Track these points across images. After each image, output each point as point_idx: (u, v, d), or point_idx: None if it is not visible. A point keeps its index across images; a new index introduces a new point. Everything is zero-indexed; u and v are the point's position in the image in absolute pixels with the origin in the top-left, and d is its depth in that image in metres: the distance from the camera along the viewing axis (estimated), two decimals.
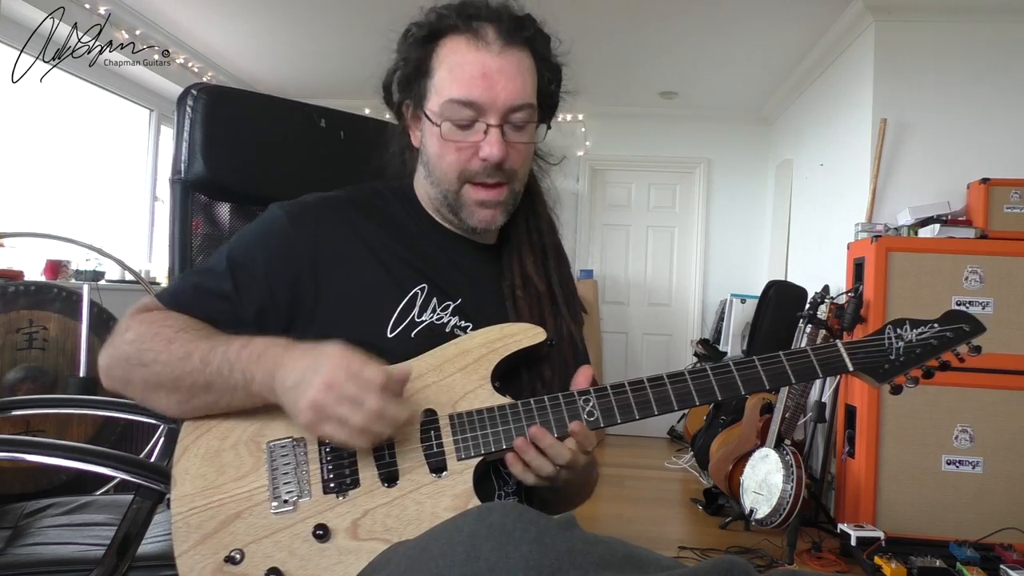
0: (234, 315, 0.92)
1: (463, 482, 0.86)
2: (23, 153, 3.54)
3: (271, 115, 1.25)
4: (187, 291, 0.94)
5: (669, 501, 3.80)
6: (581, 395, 0.90)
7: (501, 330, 0.94)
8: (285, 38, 4.31)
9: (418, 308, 0.95)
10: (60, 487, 2.56)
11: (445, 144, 0.95)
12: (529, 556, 0.62)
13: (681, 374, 0.91)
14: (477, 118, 0.93)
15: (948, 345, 0.94)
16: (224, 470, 0.86)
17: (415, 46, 0.96)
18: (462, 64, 0.92)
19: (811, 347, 0.93)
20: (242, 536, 0.83)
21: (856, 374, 0.94)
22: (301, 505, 0.84)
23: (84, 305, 2.75)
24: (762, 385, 0.91)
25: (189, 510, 0.84)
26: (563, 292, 1.05)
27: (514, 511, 0.66)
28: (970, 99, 3.31)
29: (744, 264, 5.34)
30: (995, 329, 2.86)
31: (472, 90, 0.91)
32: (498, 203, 0.97)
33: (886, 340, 0.94)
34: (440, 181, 0.97)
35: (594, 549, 0.66)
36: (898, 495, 2.89)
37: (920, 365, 0.94)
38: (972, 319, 0.96)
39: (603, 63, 4.44)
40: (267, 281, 0.93)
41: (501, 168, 0.94)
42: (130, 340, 0.88)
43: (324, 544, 0.82)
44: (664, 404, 0.90)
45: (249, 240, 0.96)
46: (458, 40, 0.94)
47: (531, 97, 0.95)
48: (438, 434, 0.88)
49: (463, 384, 0.90)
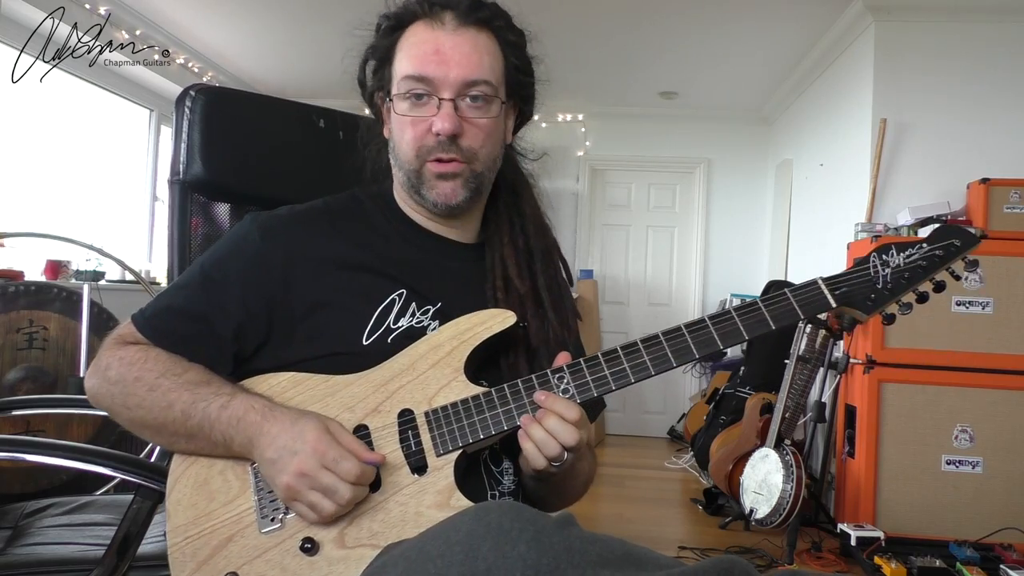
0: (212, 334, 0.92)
1: (444, 477, 0.86)
2: (23, 153, 3.54)
3: (269, 116, 1.25)
4: (162, 314, 0.94)
5: (669, 501, 3.79)
6: (555, 373, 0.89)
7: (469, 320, 0.93)
8: (285, 38, 4.31)
9: (395, 314, 0.94)
10: (60, 487, 2.56)
11: (403, 121, 0.95)
12: (527, 555, 0.61)
13: (655, 337, 0.89)
14: (431, 93, 0.93)
15: (940, 264, 0.89)
16: (214, 496, 0.87)
17: (383, 36, 0.99)
18: (417, 43, 0.94)
19: (789, 289, 0.90)
20: (235, 559, 0.84)
21: (841, 309, 0.89)
22: (287, 521, 0.85)
23: (84, 305, 2.75)
24: (740, 336, 0.88)
25: (184, 540, 0.85)
26: (550, 295, 1.02)
27: (512, 510, 0.66)
28: (970, 99, 3.30)
29: (744, 264, 5.33)
30: (995, 329, 2.87)
31: (426, 66, 0.92)
32: (456, 175, 0.95)
33: (871, 268, 0.90)
34: (402, 161, 0.97)
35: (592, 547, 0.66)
36: (898, 495, 2.89)
37: (912, 289, 0.90)
38: (963, 231, 0.90)
39: (603, 63, 4.44)
40: (242, 298, 0.93)
41: (457, 145, 0.94)
42: (113, 380, 0.90)
43: (313, 557, 0.82)
44: (641, 371, 0.88)
45: (221, 256, 0.96)
46: (418, 25, 0.96)
47: (489, 75, 0.95)
48: (416, 433, 0.87)
49: (437, 379, 0.90)
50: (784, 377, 2.98)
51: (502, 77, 0.97)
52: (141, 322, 0.94)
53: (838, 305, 0.89)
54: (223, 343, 0.92)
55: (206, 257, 0.97)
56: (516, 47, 1.00)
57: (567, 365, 0.89)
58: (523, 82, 1.02)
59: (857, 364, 3.01)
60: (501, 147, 1.02)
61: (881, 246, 0.91)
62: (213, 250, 0.98)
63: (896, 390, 2.91)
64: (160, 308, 0.95)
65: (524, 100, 1.04)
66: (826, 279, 0.90)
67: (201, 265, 0.96)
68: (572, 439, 0.84)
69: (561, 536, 0.65)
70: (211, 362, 0.92)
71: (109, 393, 0.90)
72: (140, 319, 0.94)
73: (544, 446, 0.85)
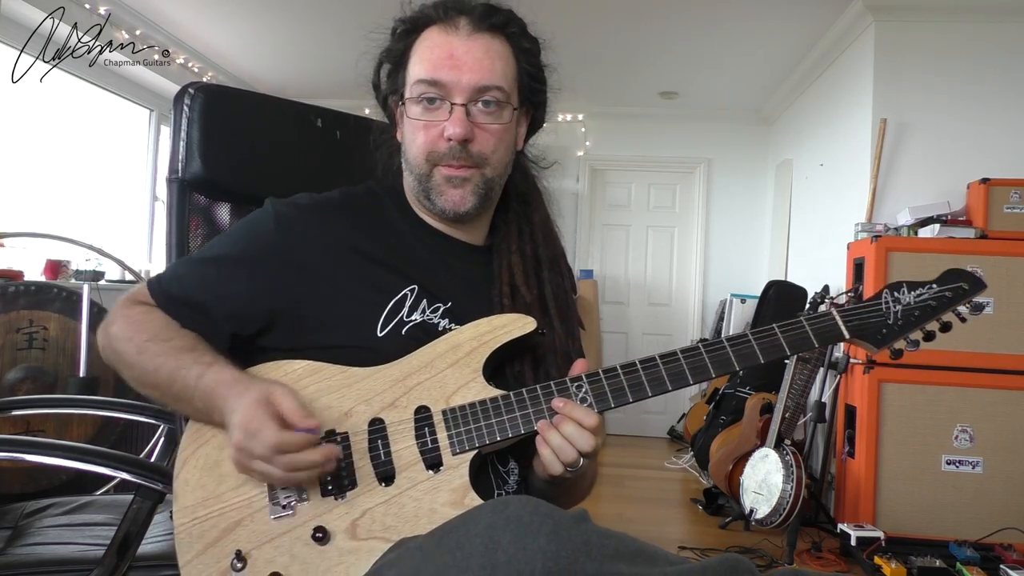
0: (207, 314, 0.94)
1: (459, 476, 0.86)
2: (23, 153, 3.55)
3: (268, 115, 1.25)
4: (172, 282, 0.97)
5: (669, 501, 3.79)
6: (573, 381, 0.90)
7: (490, 322, 0.93)
8: (285, 38, 4.31)
9: (408, 307, 0.95)
10: (60, 487, 2.56)
11: (415, 125, 0.96)
12: (547, 547, 0.62)
13: (674, 353, 0.90)
14: (444, 98, 0.94)
15: (947, 305, 0.92)
16: (223, 480, 0.87)
17: (398, 39, 0.99)
18: (431, 47, 0.95)
19: (805, 316, 0.92)
20: (244, 543, 0.83)
21: (853, 341, 0.92)
22: (300, 509, 0.85)
23: (84, 305, 2.75)
24: (756, 359, 0.89)
25: (191, 521, 0.85)
26: (556, 304, 1.03)
27: (530, 504, 0.67)
28: (970, 99, 3.30)
29: (744, 264, 5.33)
30: (995, 329, 2.87)
31: (438, 70, 0.93)
32: (466, 180, 0.96)
33: (883, 304, 0.93)
34: (413, 166, 0.98)
35: (608, 542, 0.67)
36: (898, 495, 2.89)
37: (920, 327, 0.93)
38: (971, 276, 0.93)
39: (603, 63, 4.44)
40: (246, 283, 0.94)
41: (468, 150, 0.94)
42: (114, 336, 0.94)
43: (324, 546, 0.82)
44: (658, 385, 0.89)
45: (236, 238, 0.99)
46: (433, 29, 0.96)
47: (501, 80, 0.95)
48: (432, 430, 0.88)
49: (455, 379, 0.90)
50: (784, 377, 2.98)
51: (515, 83, 0.98)
52: (154, 285, 0.97)
53: (851, 337, 0.92)
54: (218, 323, 0.94)
55: (224, 235, 1.01)
56: (530, 54, 1.00)
57: (585, 374, 0.90)
58: (535, 89, 1.02)
59: (857, 364, 3.01)
60: (512, 153, 1.02)
61: (893, 283, 0.94)
62: (231, 232, 1.02)
63: (896, 390, 2.91)
64: (173, 276, 0.98)
65: (536, 107, 1.04)
66: (841, 311, 0.92)
67: (219, 242, 1.00)
68: (589, 445, 0.85)
69: (579, 530, 0.66)
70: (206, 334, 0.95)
71: (111, 348, 0.94)
72: (154, 282, 0.97)
73: (561, 452, 0.85)
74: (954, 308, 0.93)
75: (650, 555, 0.70)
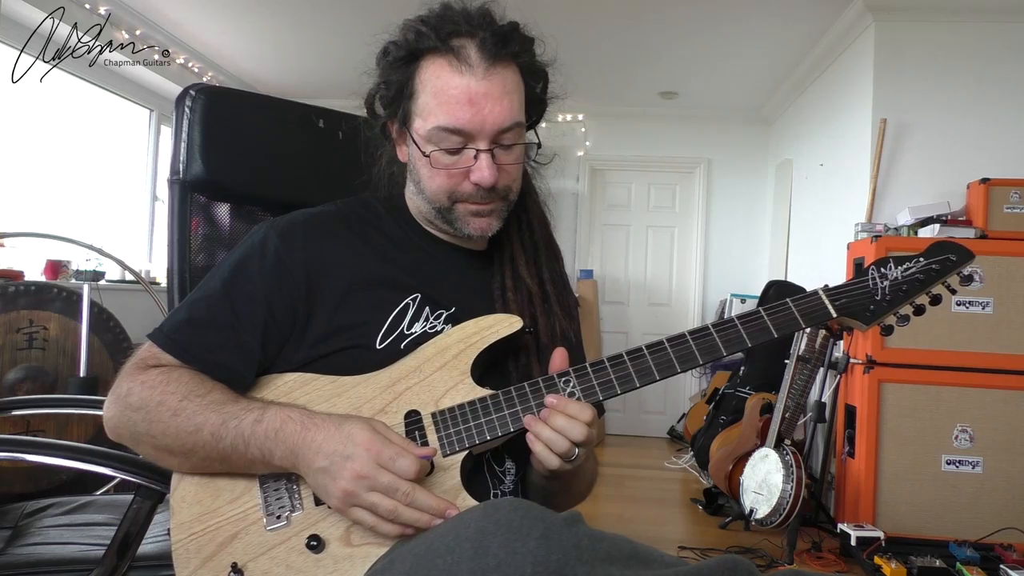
0: (238, 343, 0.90)
1: (451, 478, 0.86)
2: (23, 153, 3.54)
3: (269, 115, 1.25)
4: (183, 328, 0.90)
5: (669, 501, 3.79)
6: (561, 377, 0.89)
7: (476, 324, 0.93)
8: (285, 38, 4.31)
9: (409, 318, 0.94)
10: (60, 487, 2.56)
11: (435, 171, 0.94)
12: (537, 551, 0.62)
13: (661, 343, 0.90)
14: (466, 144, 0.91)
15: (936, 278, 0.92)
16: (219, 494, 0.87)
17: (395, 67, 0.94)
18: (446, 90, 0.90)
19: (791, 299, 0.91)
20: (240, 555, 0.84)
21: (841, 319, 0.91)
22: (294, 519, 0.85)
23: (84, 305, 2.75)
24: (744, 344, 0.89)
25: (188, 536, 0.85)
26: (555, 289, 1.04)
27: (521, 507, 0.67)
28: (970, 99, 3.31)
29: (744, 264, 5.34)
30: (995, 329, 2.87)
31: (459, 117, 0.89)
32: (492, 211, 0.97)
33: (870, 281, 0.92)
34: (431, 199, 0.97)
35: (600, 544, 0.66)
36: (898, 495, 2.89)
37: (909, 302, 0.92)
38: (959, 247, 0.93)
39: (603, 63, 4.44)
40: (266, 302, 0.91)
41: (493, 190, 0.94)
42: (135, 406, 0.86)
43: (319, 554, 0.83)
44: (646, 375, 0.88)
45: (241, 263, 0.94)
46: (440, 62, 0.91)
47: (519, 115, 0.94)
48: (423, 434, 0.88)
49: (444, 381, 0.90)
50: (784, 377, 2.98)
51: (524, 106, 0.96)
52: (161, 338, 0.90)
53: (838, 315, 0.90)
54: (250, 353, 0.90)
55: (223, 267, 0.95)
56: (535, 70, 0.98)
57: (573, 369, 0.90)
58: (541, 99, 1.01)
59: (857, 364, 3.01)
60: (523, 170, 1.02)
61: (880, 259, 0.93)
62: (231, 259, 0.96)
63: (896, 390, 2.91)
64: (180, 322, 0.91)
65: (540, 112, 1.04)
66: (827, 289, 0.91)
67: (219, 274, 0.94)
68: (581, 434, 0.84)
69: (570, 533, 0.65)
70: (237, 373, 0.89)
71: (131, 421, 0.86)
72: (160, 335, 0.90)
73: (554, 444, 0.85)
74: (943, 280, 0.92)
75: (645, 557, 0.69)
